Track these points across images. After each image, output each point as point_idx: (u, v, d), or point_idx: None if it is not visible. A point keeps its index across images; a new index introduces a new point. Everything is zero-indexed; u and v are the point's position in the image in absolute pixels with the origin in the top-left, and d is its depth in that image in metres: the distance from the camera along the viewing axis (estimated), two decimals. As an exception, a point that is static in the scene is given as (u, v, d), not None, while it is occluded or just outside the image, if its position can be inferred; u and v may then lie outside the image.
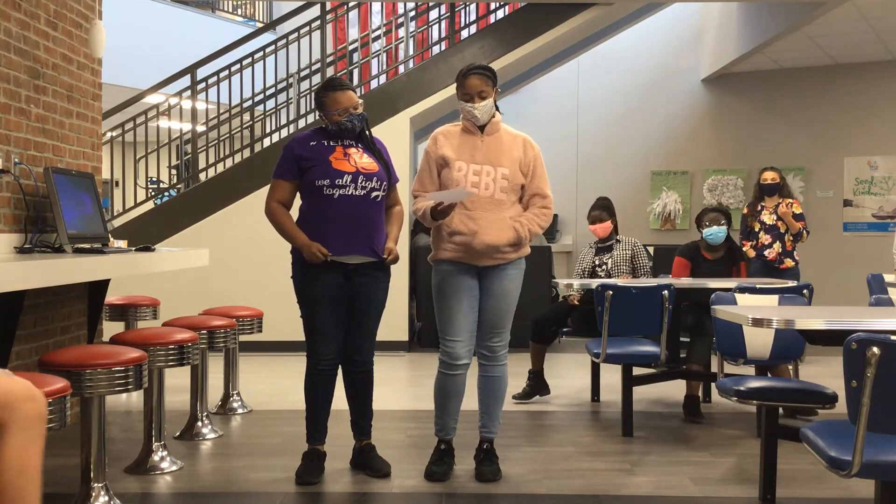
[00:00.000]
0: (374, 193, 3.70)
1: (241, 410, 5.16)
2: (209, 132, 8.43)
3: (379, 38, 8.59)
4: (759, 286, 4.61)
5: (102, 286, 4.66)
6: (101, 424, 3.31)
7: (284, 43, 8.18)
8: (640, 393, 5.08)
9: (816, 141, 9.78)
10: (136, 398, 5.43)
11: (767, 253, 6.96)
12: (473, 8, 8.60)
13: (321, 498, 3.58)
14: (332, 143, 3.73)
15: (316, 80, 8.43)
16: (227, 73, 8.08)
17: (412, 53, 8.44)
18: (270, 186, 3.78)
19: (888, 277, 6.17)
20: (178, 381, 5.22)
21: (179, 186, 8.52)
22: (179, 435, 4.51)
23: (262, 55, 8.13)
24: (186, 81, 8.06)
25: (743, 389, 3.57)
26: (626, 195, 9.89)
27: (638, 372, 4.93)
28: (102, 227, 4.39)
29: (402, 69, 8.41)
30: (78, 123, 4.77)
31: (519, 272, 3.79)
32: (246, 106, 8.28)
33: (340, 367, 3.81)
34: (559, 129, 10.22)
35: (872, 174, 9.60)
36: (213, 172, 8.20)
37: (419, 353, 7.76)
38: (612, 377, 5.37)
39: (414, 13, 8.60)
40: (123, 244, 4.47)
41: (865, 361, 2.33)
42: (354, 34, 9.63)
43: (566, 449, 4.36)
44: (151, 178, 9.08)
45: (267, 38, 9.16)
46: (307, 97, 8.39)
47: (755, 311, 3.24)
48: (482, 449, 3.85)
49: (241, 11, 13.17)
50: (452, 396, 3.78)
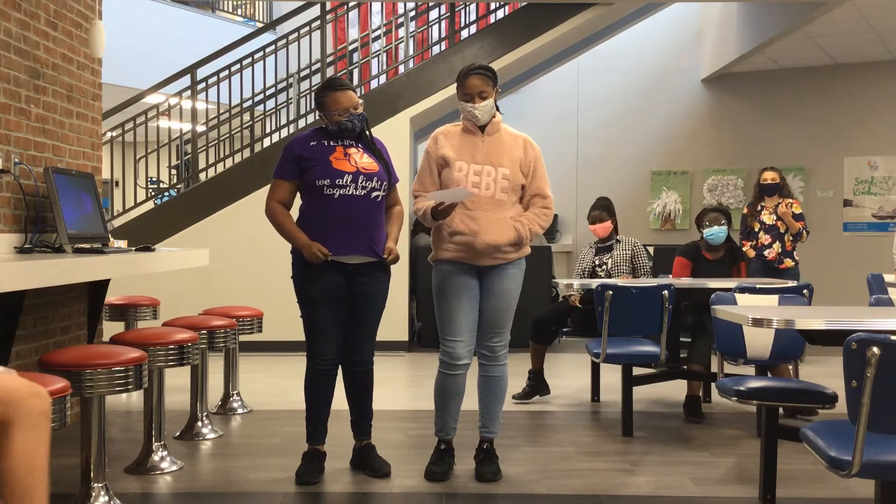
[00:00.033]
0: (374, 193, 3.70)
1: (241, 410, 5.16)
2: (209, 132, 8.43)
3: (379, 38, 8.59)
4: (759, 286, 4.61)
5: (102, 286, 4.66)
6: (101, 424, 3.31)
7: (284, 43, 8.18)
8: (640, 393, 5.08)
9: (816, 141, 9.78)
10: (136, 398, 5.43)
11: (767, 253, 6.95)
12: (473, 8, 8.60)
13: (321, 498, 3.58)
14: (332, 143, 3.73)
15: (316, 80, 8.43)
16: (227, 73, 8.08)
17: (412, 53, 8.44)
18: (270, 186, 3.78)
19: (888, 277, 6.17)
20: (178, 381, 5.22)
21: (179, 186, 8.52)
22: (179, 435, 4.51)
23: (262, 55, 8.14)
24: (186, 81, 8.06)
25: (743, 389, 3.57)
26: (626, 195, 9.89)
27: (638, 372, 4.93)
28: (102, 227, 4.39)
29: (402, 69, 8.41)
30: (78, 123, 4.77)
31: (519, 272, 3.79)
32: (246, 106, 8.28)
33: (340, 367, 3.82)
34: (559, 129, 10.22)
35: (872, 174, 9.60)
36: (213, 172, 8.20)
37: (419, 353, 7.76)
38: (612, 377, 5.37)
39: (414, 13, 8.60)
40: (123, 244, 4.47)
41: (865, 361, 2.33)
42: (354, 34, 9.63)
43: (566, 449, 4.36)
44: (151, 178, 9.08)
45: (267, 38, 9.16)
46: (307, 97, 8.39)
47: (755, 311, 3.24)
48: (482, 449, 3.85)
49: (241, 11, 13.17)
50: (453, 396, 3.78)
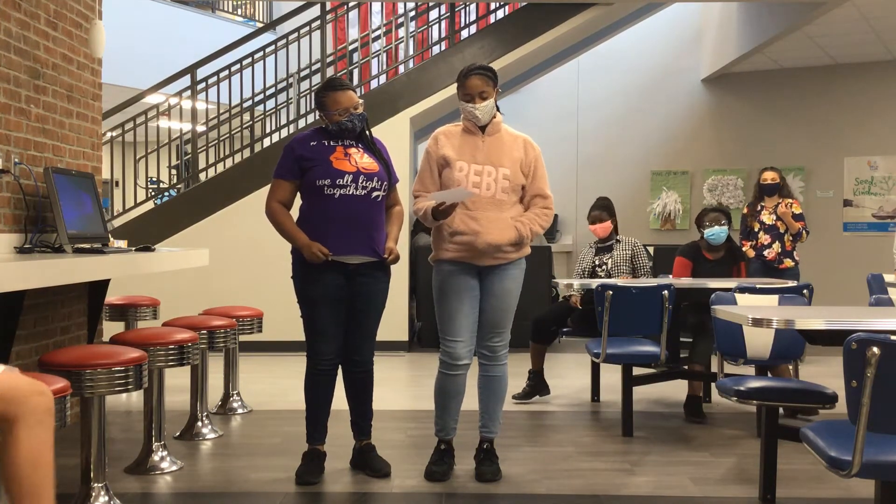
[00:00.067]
0: (374, 193, 3.70)
1: (241, 410, 5.16)
2: (209, 132, 8.43)
3: (379, 38, 8.59)
4: (759, 286, 4.61)
5: (102, 286, 4.66)
6: (101, 424, 3.31)
7: (284, 43, 8.18)
8: (640, 393, 5.08)
9: (816, 141, 9.78)
10: (136, 398, 5.43)
11: (767, 253, 6.95)
12: (473, 8, 8.60)
13: (321, 498, 3.58)
14: (332, 143, 3.73)
15: (316, 80, 8.43)
16: (227, 73, 8.08)
17: (412, 53, 8.44)
18: (271, 186, 3.78)
19: (888, 277, 6.17)
20: (178, 381, 5.22)
21: (179, 186, 8.52)
22: (179, 435, 4.51)
23: (262, 55, 8.14)
24: (186, 81, 8.06)
25: (743, 389, 3.57)
26: (626, 195, 9.89)
27: (638, 372, 4.93)
28: (102, 227, 4.39)
29: (402, 69, 8.41)
30: (78, 123, 4.77)
31: (520, 272, 3.79)
32: (246, 106, 8.28)
33: (340, 367, 3.82)
34: (559, 129, 10.22)
35: (872, 174, 9.60)
36: (213, 172, 8.20)
37: (419, 353, 7.76)
38: (612, 377, 5.37)
39: (414, 13, 8.60)
40: (123, 244, 4.47)
41: (865, 361, 2.33)
42: (354, 34, 9.63)
43: (566, 449, 4.36)
44: (151, 178, 9.08)
45: (267, 38, 9.16)
46: (307, 97, 8.39)
47: (755, 311, 3.24)
48: (482, 449, 3.85)
49: (241, 11, 13.17)
50: (453, 397, 3.78)
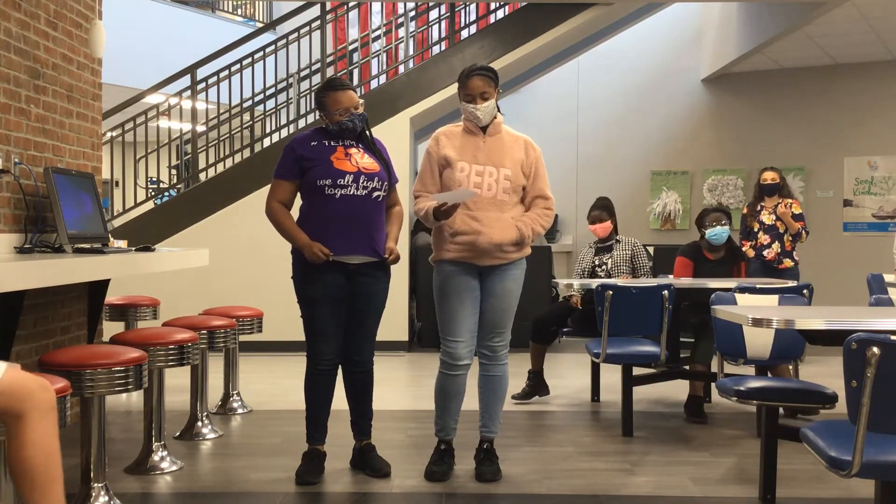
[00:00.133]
0: (375, 193, 3.70)
1: (241, 410, 5.16)
2: (209, 132, 8.43)
3: (379, 38, 8.59)
4: (759, 286, 4.61)
5: (102, 286, 4.66)
6: (101, 424, 3.31)
7: (284, 43, 8.18)
8: (640, 393, 5.08)
9: (816, 141, 9.78)
10: (136, 398, 5.43)
11: (766, 253, 6.95)
12: (473, 8, 8.60)
13: (321, 498, 3.58)
14: (332, 143, 3.73)
15: (316, 80, 8.43)
16: (227, 73, 8.08)
17: (412, 53, 8.44)
18: (271, 186, 3.77)
19: (888, 277, 6.17)
20: (178, 381, 5.22)
21: (179, 186, 8.53)
22: (179, 435, 4.51)
23: (262, 55, 8.14)
24: (186, 81, 8.06)
25: (743, 389, 3.57)
26: (626, 195, 9.89)
27: (638, 372, 4.93)
28: (102, 227, 4.39)
29: (402, 69, 8.41)
30: (78, 123, 4.77)
31: (521, 272, 3.79)
32: (246, 106, 8.28)
33: (340, 367, 3.82)
34: (559, 129, 10.22)
35: (872, 174, 9.60)
36: (213, 172, 8.20)
37: (419, 353, 7.76)
38: (612, 377, 5.37)
39: (414, 13, 8.61)
40: (123, 244, 4.47)
41: (865, 361, 2.33)
42: (354, 34, 9.63)
43: (566, 449, 4.36)
44: (151, 178, 9.08)
45: (267, 38, 9.16)
46: (307, 97, 8.39)
47: (755, 311, 3.24)
48: (482, 449, 3.85)
49: (241, 11, 13.17)
50: (453, 397, 3.78)
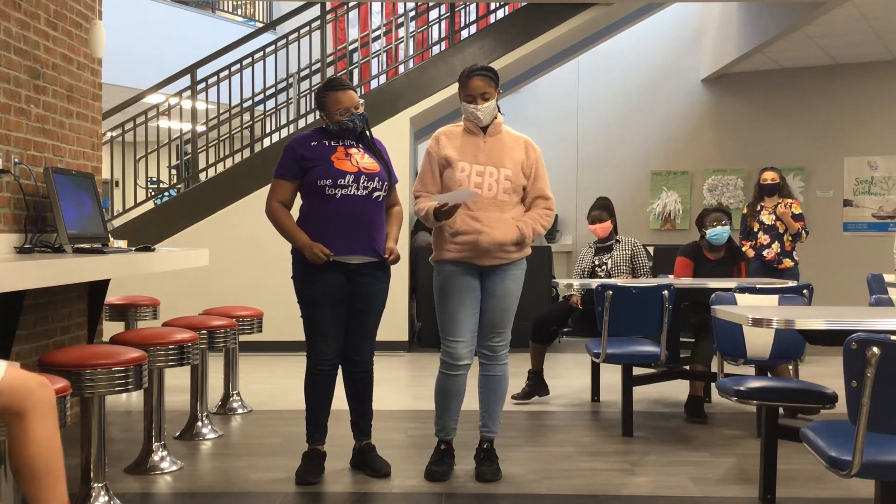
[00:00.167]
0: (375, 193, 3.70)
1: (241, 410, 5.16)
2: (209, 132, 8.43)
3: (379, 38, 8.59)
4: (759, 286, 4.61)
5: (102, 286, 4.66)
6: (101, 424, 3.31)
7: (284, 43, 8.18)
8: (640, 393, 5.08)
9: (816, 141, 9.78)
10: (136, 398, 5.43)
11: (766, 253, 6.95)
12: (473, 8, 8.60)
13: (321, 498, 3.58)
14: (333, 143, 3.73)
15: (316, 80, 8.43)
16: (227, 73, 8.08)
17: (412, 53, 8.44)
18: (271, 186, 3.77)
19: (888, 277, 6.17)
20: (178, 381, 5.22)
21: (179, 186, 8.53)
22: (179, 435, 4.51)
23: (262, 55, 8.14)
24: (186, 81, 8.06)
25: (743, 389, 3.57)
26: (626, 195, 9.89)
27: (638, 372, 4.93)
28: (102, 227, 4.39)
29: (402, 69, 8.41)
30: (78, 123, 4.77)
31: (521, 272, 3.80)
32: (246, 106, 8.28)
33: (340, 367, 3.82)
34: (559, 129, 10.22)
35: (872, 174, 9.60)
36: (213, 172, 8.20)
37: (419, 353, 7.76)
38: (612, 377, 5.37)
39: (414, 13, 8.61)
40: (123, 244, 4.47)
41: (865, 361, 2.33)
42: (354, 34, 9.63)
43: (566, 449, 4.36)
44: (151, 178, 9.08)
45: (267, 38, 9.16)
46: (307, 97, 8.39)
47: (755, 311, 3.24)
48: (482, 449, 3.85)
49: (241, 11, 13.17)
50: (453, 397, 3.78)
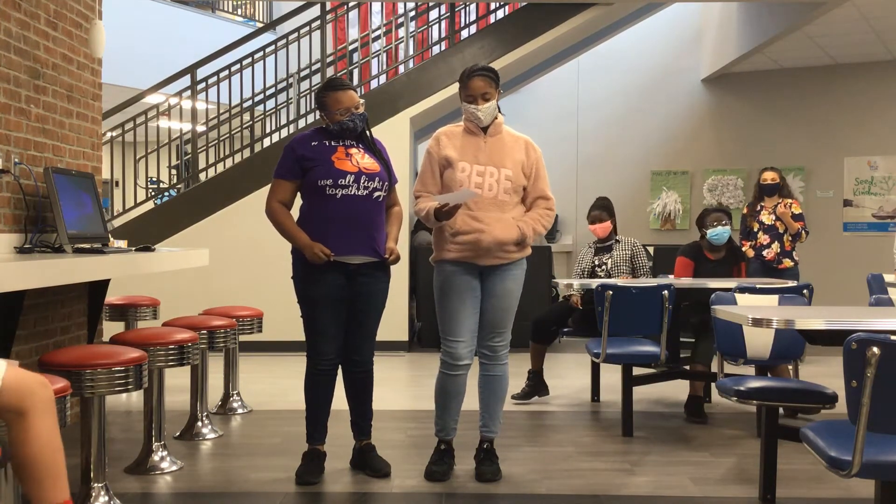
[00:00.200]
0: (376, 193, 3.70)
1: (241, 410, 5.16)
2: (209, 132, 8.43)
3: (379, 38, 8.59)
4: (759, 286, 4.61)
5: (102, 286, 4.65)
6: (101, 424, 3.31)
7: (284, 43, 8.18)
8: (640, 393, 5.08)
9: (816, 141, 9.78)
10: (136, 398, 5.43)
11: (766, 253, 6.95)
12: (473, 8, 8.60)
13: (321, 498, 3.58)
14: (333, 143, 3.73)
15: (316, 80, 8.43)
16: (227, 73, 8.08)
17: (412, 53, 8.44)
18: (271, 186, 3.77)
19: (888, 277, 6.17)
20: (178, 381, 5.22)
21: (179, 186, 8.53)
22: (179, 435, 4.51)
23: (262, 55, 8.14)
24: (186, 81, 8.06)
25: (743, 389, 3.57)
26: (626, 195, 9.89)
27: (638, 372, 4.93)
28: (102, 227, 4.39)
29: (402, 69, 8.41)
30: (78, 123, 4.77)
31: (521, 272, 3.80)
32: (246, 106, 8.28)
33: (340, 367, 3.82)
34: (559, 129, 10.22)
35: (872, 174, 9.60)
36: (213, 172, 8.20)
37: (419, 353, 7.76)
38: (612, 377, 5.37)
39: (414, 13, 8.60)
40: (123, 244, 4.47)
41: (865, 361, 2.33)
42: (354, 34, 9.63)
43: (566, 449, 4.36)
44: (151, 178, 9.08)
45: (267, 38, 9.16)
46: (307, 97, 8.39)
47: (755, 311, 3.24)
48: (482, 449, 3.85)
49: (241, 11, 13.17)
50: (453, 397, 3.78)
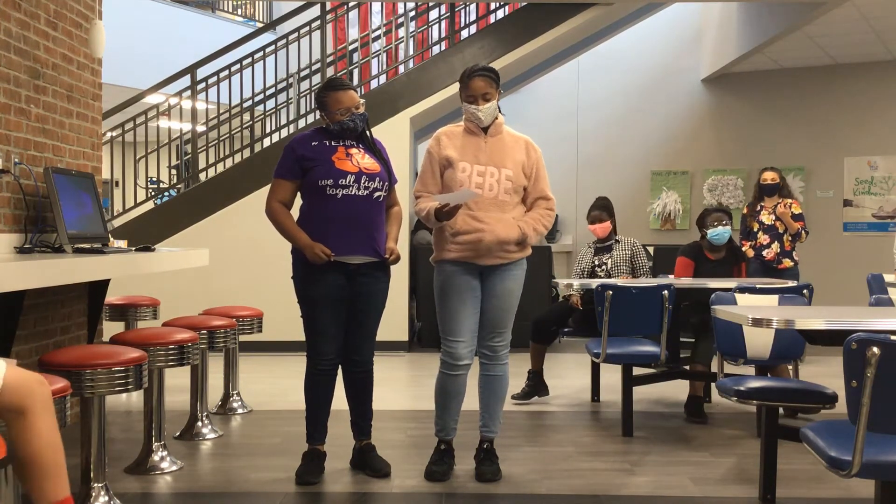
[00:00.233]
0: (376, 194, 3.70)
1: (241, 410, 5.16)
2: (209, 132, 8.43)
3: (379, 38, 8.59)
4: (759, 286, 4.61)
5: (102, 286, 4.65)
6: (101, 424, 3.31)
7: (284, 43, 8.18)
8: (640, 393, 5.08)
9: (816, 141, 9.78)
10: (136, 398, 5.43)
11: (766, 253, 6.95)
12: (473, 8, 8.60)
13: (321, 498, 3.58)
14: (333, 143, 3.73)
15: (316, 80, 8.43)
16: (227, 73, 8.08)
17: (412, 53, 8.44)
18: (271, 186, 3.77)
19: (888, 277, 6.17)
20: (178, 381, 5.22)
21: (179, 186, 8.53)
22: (179, 435, 4.51)
23: (262, 55, 8.14)
24: (186, 81, 8.06)
25: (743, 389, 3.57)
26: (626, 195, 9.89)
27: (638, 372, 4.93)
28: (102, 227, 4.39)
29: (402, 69, 8.41)
30: (78, 123, 4.77)
31: (522, 272, 3.80)
32: (246, 106, 8.28)
33: (340, 367, 3.82)
34: (559, 129, 10.22)
35: (872, 174, 9.60)
36: (213, 172, 8.20)
37: (419, 353, 7.76)
38: (612, 377, 5.37)
39: (414, 13, 8.60)
40: (123, 244, 4.47)
41: (865, 361, 2.33)
42: (354, 34, 9.63)
43: (566, 449, 4.36)
44: (151, 178, 9.08)
45: (267, 38, 9.16)
46: (307, 97, 8.39)
47: (755, 311, 3.24)
48: (482, 449, 3.85)
49: (241, 11, 13.17)
50: (453, 397, 3.78)
